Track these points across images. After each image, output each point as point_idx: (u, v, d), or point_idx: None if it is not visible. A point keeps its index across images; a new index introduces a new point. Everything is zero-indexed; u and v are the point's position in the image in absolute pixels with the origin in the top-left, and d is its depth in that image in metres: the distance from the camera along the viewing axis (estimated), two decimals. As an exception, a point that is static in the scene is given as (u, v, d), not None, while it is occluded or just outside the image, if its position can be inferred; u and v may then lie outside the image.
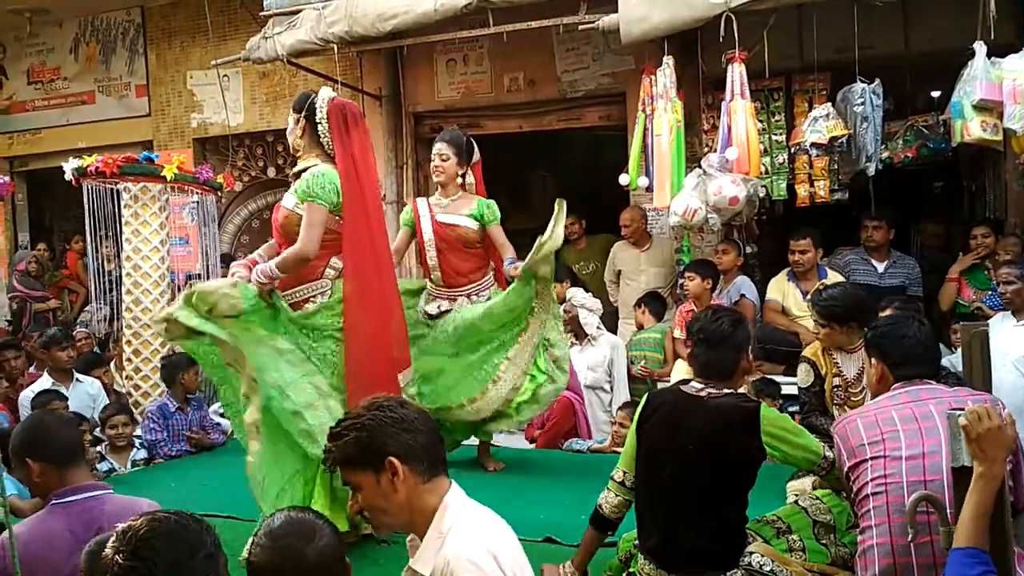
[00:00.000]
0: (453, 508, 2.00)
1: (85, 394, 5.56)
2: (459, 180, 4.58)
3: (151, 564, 1.63)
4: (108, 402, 5.63)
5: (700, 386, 2.81)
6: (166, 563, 1.64)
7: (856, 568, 2.53)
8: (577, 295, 5.82)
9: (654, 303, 5.86)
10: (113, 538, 1.69)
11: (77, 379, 5.64)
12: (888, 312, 4.47)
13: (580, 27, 5.59)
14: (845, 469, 2.54)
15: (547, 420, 5.27)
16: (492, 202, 4.59)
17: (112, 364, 6.49)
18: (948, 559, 1.96)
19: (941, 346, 4.04)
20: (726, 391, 2.77)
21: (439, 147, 4.56)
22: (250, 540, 1.92)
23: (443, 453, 2.11)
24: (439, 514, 1.99)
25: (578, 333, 5.74)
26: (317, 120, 3.63)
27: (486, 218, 4.52)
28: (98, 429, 5.28)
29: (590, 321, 5.76)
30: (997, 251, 5.30)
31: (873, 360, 2.67)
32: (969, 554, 1.90)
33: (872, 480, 2.42)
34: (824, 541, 2.86)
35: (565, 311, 5.67)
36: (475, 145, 4.68)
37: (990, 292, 5.17)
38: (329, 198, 3.53)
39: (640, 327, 5.87)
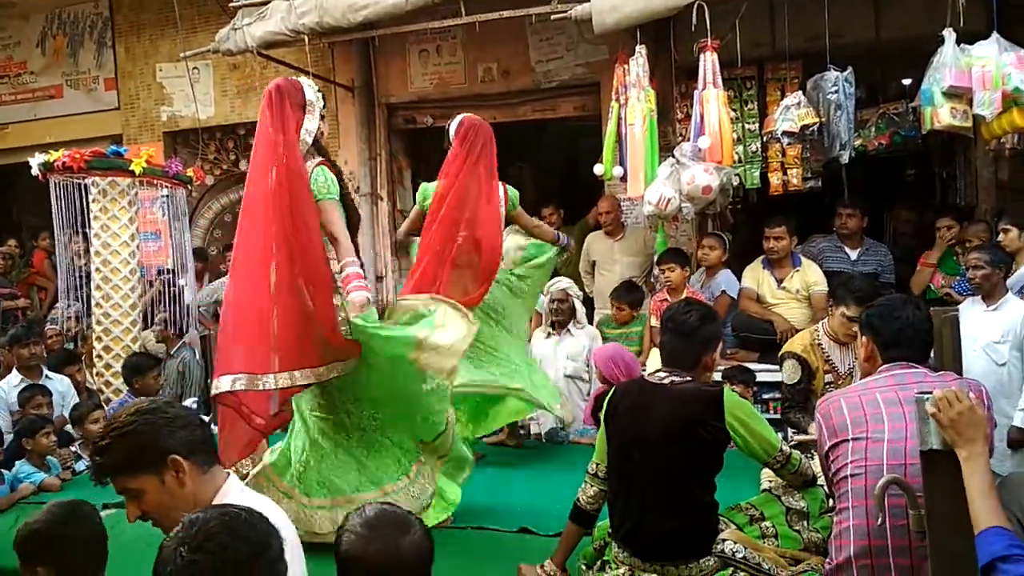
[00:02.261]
0: (232, 495, 2.03)
1: (55, 392, 5.48)
2: None
3: (216, 560, 1.59)
4: (78, 400, 5.55)
5: (664, 375, 2.83)
6: (230, 561, 1.60)
7: (831, 549, 2.54)
8: (571, 287, 5.82)
9: (632, 295, 5.80)
10: (179, 527, 1.65)
11: (47, 376, 5.57)
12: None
13: (552, 17, 5.57)
14: (825, 448, 2.55)
15: None
16: None
17: (83, 360, 6.41)
18: (976, 545, 1.90)
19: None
20: (688, 378, 2.79)
21: None
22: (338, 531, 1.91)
23: (215, 444, 2.16)
24: (219, 499, 2.01)
25: (560, 323, 5.73)
26: None
27: None
28: (69, 426, 5.21)
29: (583, 311, 5.80)
30: (968, 238, 5.34)
31: (864, 338, 2.68)
32: (990, 533, 1.87)
33: (852, 462, 2.43)
34: (797, 527, 2.88)
35: (560, 300, 5.68)
36: (451, 121, 4.84)
37: (959, 278, 5.21)
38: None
39: (624, 323, 5.81)
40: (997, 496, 1.95)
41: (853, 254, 5.69)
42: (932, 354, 2.71)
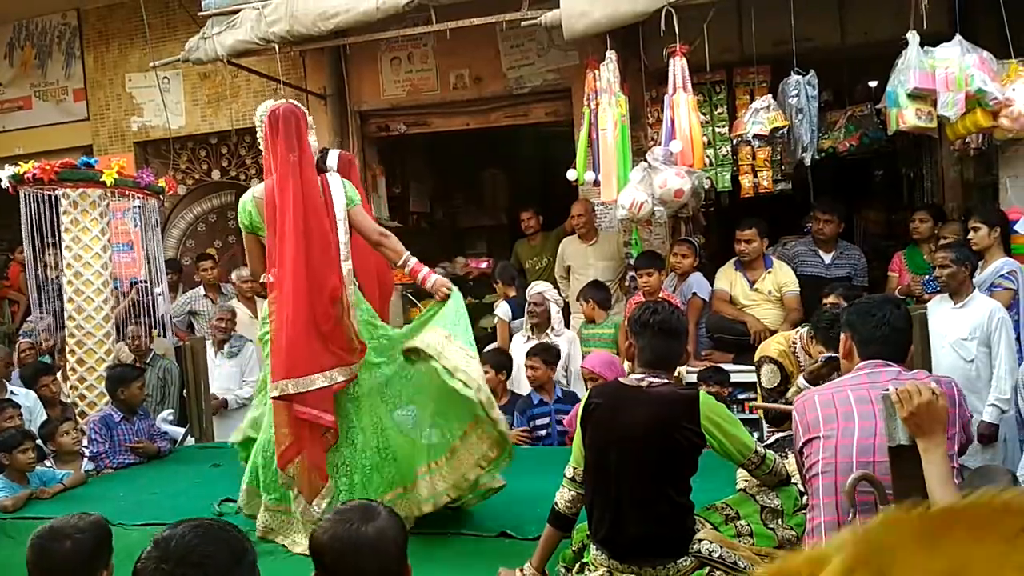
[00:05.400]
0: None
1: (20, 406, 5.42)
2: None
3: (203, 571, 1.60)
4: (45, 415, 5.48)
5: (640, 376, 2.84)
6: (218, 569, 1.62)
7: (805, 546, 2.58)
8: (548, 290, 5.87)
9: (599, 294, 5.86)
10: (152, 547, 1.65)
11: (12, 392, 5.51)
12: (832, 298, 4.60)
13: (522, 23, 5.60)
14: (799, 445, 2.58)
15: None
16: None
17: (59, 373, 6.34)
18: None
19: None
20: (665, 380, 2.82)
21: None
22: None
23: None
24: None
25: (538, 326, 5.78)
26: (258, 138, 3.68)
27: None
28: (39, 441, 5.15)
29: (560, 317, 5.85)
30: (942, 235, 5.43)
31: (844, 335, 2.72)
32: None
33: (822, 459, 2.46)
34: (771, 525, 2.92)
35: (536, 304, 5.72)
36: (328, 155, 4.56)
37: (927, 276, 5.30)
38: (242, 221, 3.68)
39: (591, 320, 5.88)
40: (955, 484, 2.00)
41: (827, 258, 5.76)
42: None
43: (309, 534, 1.95)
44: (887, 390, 2.12)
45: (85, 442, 5.32)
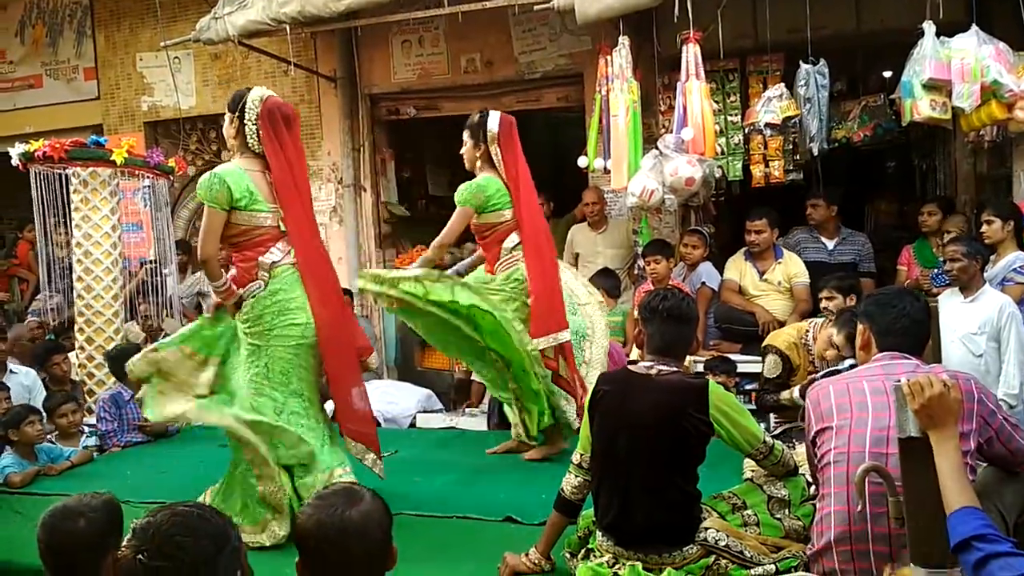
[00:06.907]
0: None
1: (20, 385, 5.45)
2: (479, 163, 4.59)
3: (178, 562, 1.57)
4: (45, 393, 5.52)
5: (650, 364, 2.83)
6: (194, 560, 1.59)
7: (813, 535, 2.58)
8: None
9: (608, 281, 5.83)
10: (131, 535, 1.63)
11: (11, 371, 5.54)
12: (825, 292, 4.60)
13: (535, 7, 5.57)
14: (812, 434, 2.58)
15: None
16: (465, 184, 4.56)
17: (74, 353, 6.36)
18: (949, 525, 1.93)
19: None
20: (675, 368, 2.81)
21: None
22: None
23: None
24: None
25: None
26: (245, 121, 3.65)
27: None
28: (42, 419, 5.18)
29: None
30: (947, 228, 5.40)
31: (861, 326, 2.70)
32: (963, 513, 1.89)
33: (835, 448, 2.46)
34: (778, 515, 2.91)
35: None
36: (488, 118, 4.57)
37: (936, 270, 5.27)
38: (216, 199, 3.58)
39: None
40: (968, 479, 1.99)
41: (830, 244, 5.75)
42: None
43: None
44: (899, 381, 2.11)
45: (92, 420, 5.35)
